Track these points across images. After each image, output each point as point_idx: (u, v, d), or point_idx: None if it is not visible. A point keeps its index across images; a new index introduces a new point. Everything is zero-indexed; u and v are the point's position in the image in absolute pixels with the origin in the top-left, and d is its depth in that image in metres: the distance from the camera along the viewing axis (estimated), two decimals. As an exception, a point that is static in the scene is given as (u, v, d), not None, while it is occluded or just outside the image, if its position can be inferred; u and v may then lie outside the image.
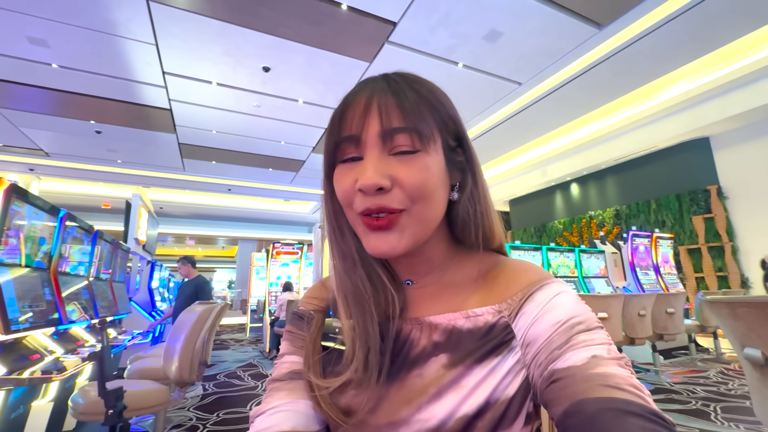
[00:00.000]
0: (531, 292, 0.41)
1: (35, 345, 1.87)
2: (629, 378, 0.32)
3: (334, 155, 0.43)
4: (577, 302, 0.40)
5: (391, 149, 0.40)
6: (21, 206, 1.90)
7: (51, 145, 7.25)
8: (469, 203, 0.46)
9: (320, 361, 0.45)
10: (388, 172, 0.39)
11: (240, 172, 8.98)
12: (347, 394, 0.42)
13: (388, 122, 0.40)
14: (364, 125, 0.41)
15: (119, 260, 3.93)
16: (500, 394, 0.38)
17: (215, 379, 4.13)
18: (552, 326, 0.37)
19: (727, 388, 3.28)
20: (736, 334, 1.19)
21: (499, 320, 0.41)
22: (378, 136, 0.40)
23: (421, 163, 0.40)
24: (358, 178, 0.40)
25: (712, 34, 4.42)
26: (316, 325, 0.48)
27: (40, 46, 4.24)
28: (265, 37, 4.18)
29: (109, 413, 1.54)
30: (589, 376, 0.32)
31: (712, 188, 6.29)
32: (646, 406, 0.29)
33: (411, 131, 0.40)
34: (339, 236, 0.46)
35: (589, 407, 0.29)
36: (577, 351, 0.34)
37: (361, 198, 0.40)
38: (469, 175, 0.46)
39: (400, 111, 0.40)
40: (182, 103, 5.69)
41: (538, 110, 5.96)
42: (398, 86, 0.42)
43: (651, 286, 5.17)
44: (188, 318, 2.19)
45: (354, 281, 0.45)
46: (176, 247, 18.61)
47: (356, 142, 0.41)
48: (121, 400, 1.58)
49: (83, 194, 10.27)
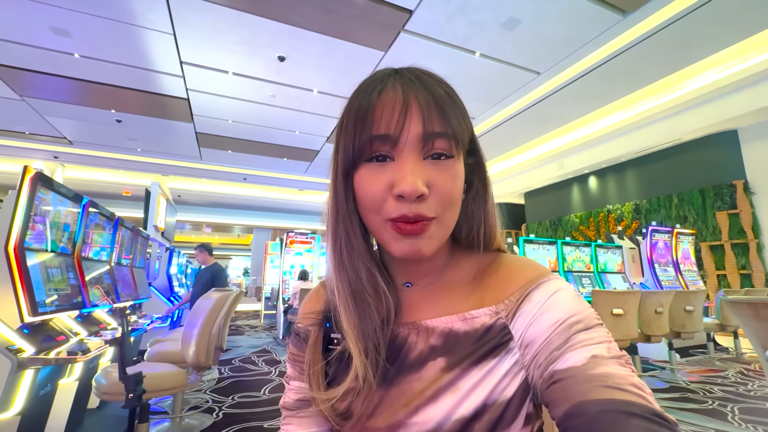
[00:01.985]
0: (528, 292, 0.41)
1: (61, 327, 1.95)
2: (630, 377, 0.31)
3: (360, 152, 0.40)
4: (575, 299, 0.39)
5: (426, 153, 0.39)
6: (46, 194, 1.97)
7: (74, 133, 7.45)
8: (474, 203, 0.46)
9: (321, 370, 0.45)
10: (426, 178, 0.38)
11: (255, 161, 9.08)
12: (347, 398, 0.42)
13: (431, 125, 0.38)
14: (405, 126, 0.38)
15: (139, 246, 4.04)
16: (498, 395, 0.37)
17: (231, 364, 4.24)
18: (550, 326, 0.37)
19: (746, 388, 3.20)
20: (758, 335, 1.15)
21: (496, 322, 0.41)
22: (419, 140, 0.39)
23: (454, 170, 0.40)
24: (393, 183, 0.38)
25: (741, 22, 4.20)
26: (314, 337, 0.48)
27: (63, 36, 4.33)
28: (280, 26, 4.17)
29: (129, 397, 1.61)
30: (589, 377, 0.31)
31: (739, 183, 6.05)
32: (647, 407, 0.28)
33: (451, 137, 0.39)
34: (353, 236, 0.44)
35: (590, 409, 0.29)
36: (577, 351, 0.34)
37: (397, 204, 0.38)
38: (476, 175, 0.46)
39: (440, 114, 0.39)
40: (199, 93, 5.76)
41: (556, 101, 5.81)
42: (432, 86, 0.41)
43: (670, 283, 5.05)
44: (205, 304, 2.25)
45: (357, 284, 0.44)
46: (193, 235, 19.04)
47: (392, 143, 0.39)
48: (140, 384, 1.64)
49: (105, 182, 10.56)
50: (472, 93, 5.61)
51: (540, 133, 7.36)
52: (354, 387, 0.41)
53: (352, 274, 0.44)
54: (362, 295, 0.44)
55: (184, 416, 2.60)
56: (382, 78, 0.42)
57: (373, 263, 0.45)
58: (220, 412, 2.70)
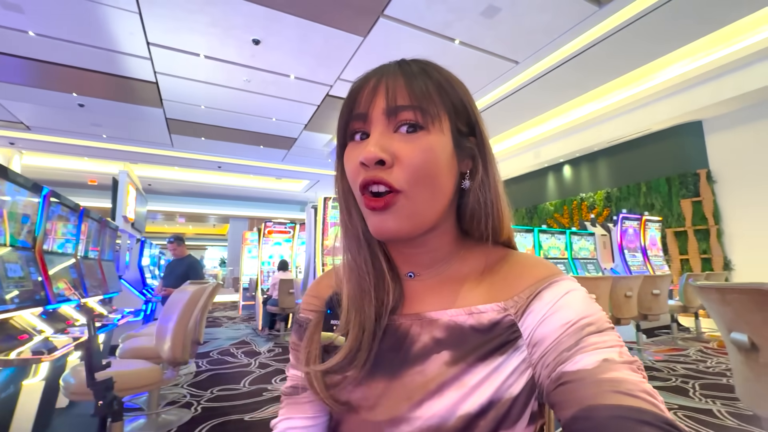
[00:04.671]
0: (539, 290, 0.40)
1: (23, 325, 1.84)
2: (641, 383, 0.31)
3: (344, 134, 0.45)
4: (587, 301, 0.38)
5: (395, 126, 0.41)
6: (1, 183, 1.83)
7: (32, 118, 6.97)
8: (479, 192, 0.44)
9: (317, 350, 0.45)
10: (389, 147, 0.40)
11: (230, 149, 8.80)
12: (345, 389, 0.41)
13: (393, 100, 0.40)
14: (372, 103, 0.41)
15: (107, 238, 3.86)
16: (504, 393, 0.37)
17: (209, 357, 4.16)
18: (561, 327, 0.36)
19: (705, 366, 3.41)
20: (723, 318, 1.21)
21: (504, 318, 0.40)
22: (383, 113, 0.41)
23: (424, 142, 0.40)
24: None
25: (708, 16, 4.34)
26: (313, 324, 0.48)
27: (14, 11, 3.99)
28: (255, 8, 3.99)
29: (99, 404, 1.50)
30: (599, 381, 0.31)
31: (702, 172, 6.36)
32: (659, 415, 0.28)
33: (415, 108, 0.40)
34: (347, 216, 0.47)
35: (600, 414, 0.28)
36: (588, 354, 0.33)
37: (363, 171, 0.40)
38: (480, 162, 0.45)
39: (407, 90, 0.41)
40: (169, 77, 5.47)
41: (533, 90, 5.88)
42: (409, 69, 0.43)
43: (638, 268, 5.29)
44: (180, 298, 2.18)
45: (358, 263, 0.45)
46: (166, 225, 18.40)
47: (364, 119, 0.42)
48: (110, 390, 1.55)
49: (68, 170, 9.99)
50: (452, 81, 5.59)
51: (517, 122, 7.46)
52: (344, 362, 0.41)
53: (350, 258, 0.46)
54: (362, 281, 0.44)
55: (161, 412, 2.53)
56: (374, 69, 0.45)
57: (373, 249, 0.46)
58: (198, 406, 2.65)
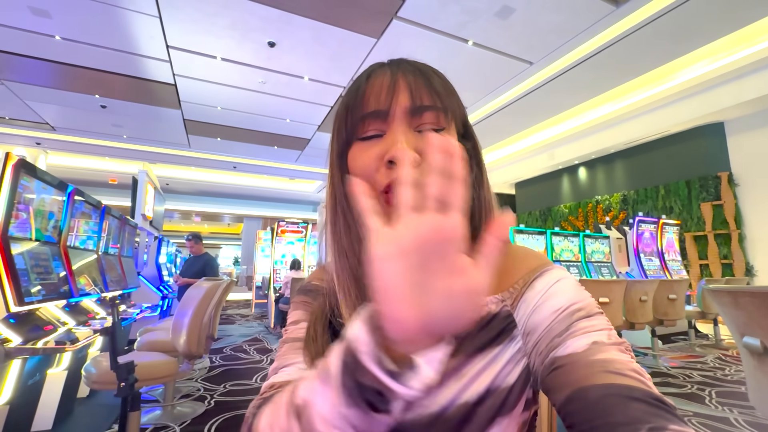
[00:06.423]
0: (531, 280, 0.42)
1: (48, 317, 1.92)
2: (630, 363, 0.32)
3: (352, 132, 0.42)
4: (576, 288, 0.40)
5: (416, 127, 0.40)
6: (30, 181, 1.92)
7: (57, 119, 7.23)
8: (476, 189, 0.46)
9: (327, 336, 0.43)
10: (416, 145, 0.38)
11: (245, 149, 8.94)
12: None
13: (419, 99, 0.40)
14: (393, 100, 0.40)
15: (127, 235, 3.99)
16: (501, 382, 0.38)
17: (222, 353, 4.25)
18: (552, 314, 0.38)
19: (723, 373, 3.32)
20: (736, 322, 1.19)
21: (501, 309, 0.41)
22: (407, 112, 0.40)
23: None
24: (385, 152, 0.38)
25: (731, 14, 4.23)
26: (324, 300, 0.46)
27: (43, 17, 4.16)
28: (271, 11, 4.07)
29: (121, 386, 1.60)
30: (590, 362, 0.32)
31: (723, 175, 6.17)
32: (648, 391, 0.29)
33: (439, 110, 0.40)
34: (346, 222, 0.43)
35: (592, 393, 0.30)
36: (578, 338, 0.34)
37: (387, 172, 0.38)
38: (473, 160, 0.46)
39: (428, 88, 0.41)
40: (187, 78, 5.61)
41: (548, 91, 5.81)
42: (422, 67, 0.43)
43: (654, 272, 5.17)
44: (196, 294, 2.24)
45: (358, 270, 0.42)
46: (183, 224, 18.79)
47: (383, 117, 0.40)
48: (132, 373, 1.64)
49: (90, 169, 10.30)
50: (465, 82, 5.57)
51: (531, 123, 7.38)
52: None
53: (353, 260, 0.42)
54: (364, 281, 0.42)
55: (176, 404, 2.61)
56: (378, 65, 0.45)
57: None
58: (211, 400, 2.72)
